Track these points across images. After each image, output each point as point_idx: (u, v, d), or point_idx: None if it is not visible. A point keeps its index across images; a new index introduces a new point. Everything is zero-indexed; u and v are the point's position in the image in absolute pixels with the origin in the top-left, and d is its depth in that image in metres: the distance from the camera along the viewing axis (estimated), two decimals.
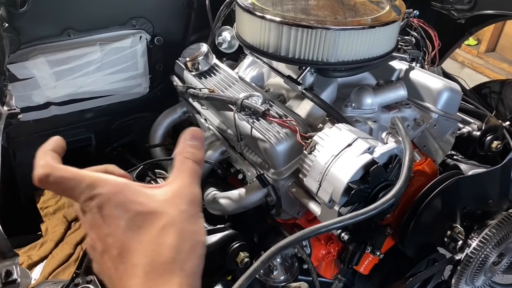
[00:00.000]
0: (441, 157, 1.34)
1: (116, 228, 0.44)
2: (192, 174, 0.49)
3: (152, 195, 0.46)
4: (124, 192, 0.45)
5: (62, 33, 1.40)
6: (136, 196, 0.45)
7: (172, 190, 0.47)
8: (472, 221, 0.96)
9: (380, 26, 1.13)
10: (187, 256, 0.44)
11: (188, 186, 0.48)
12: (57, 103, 1.46)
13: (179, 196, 0.46)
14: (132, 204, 0.44)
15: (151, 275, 0.42)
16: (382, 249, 1.11)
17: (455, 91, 1.28)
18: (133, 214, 0.44)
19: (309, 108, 1.20)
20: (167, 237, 0.43)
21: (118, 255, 0.44)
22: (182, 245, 0.44)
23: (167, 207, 0.45)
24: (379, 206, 0.71)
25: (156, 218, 0.44)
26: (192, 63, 1.36)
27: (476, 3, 1.80)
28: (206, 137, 1.35)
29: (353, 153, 0.90)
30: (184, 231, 0.44)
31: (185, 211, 0.46)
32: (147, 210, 0.44)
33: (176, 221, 0.44)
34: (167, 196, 0.46)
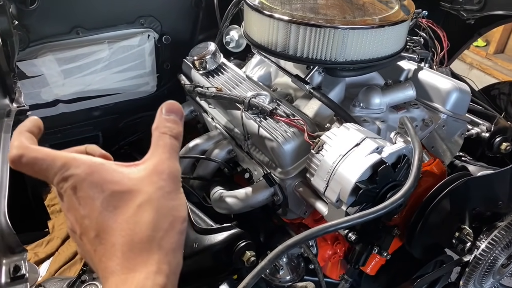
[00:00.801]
0: (450, 158, 1.33)
1: (92, 209, 0.43)
2: (170, 149, 0.47)
3: (128, 173, 0.45)
4: (99, 171, 0.44)
5: (71, 31, 1.41)
6: (112, 175, 0.44)
7: (149, 167, 0.46)
8: (481, 223, 0.95)
9: (389, 25, 1.12)
10: (165, 233, 0.43)
11: (166, 161, 0.46)
12: (65, 100, 1.47)
13: (156, 172, 0.45)
14: (107, 183, 0.44)
15: (129, 254, 0.41)
16: (389, 250, 1.10)
17: (464, 91, 1.27)
18: (109, 194, 0.43)
19: (317, 108, 1.20)
20: (144, 215, 0.43)
21: (95, 237, 0.43)
22: (160, 222, 0.43)
23: (143, 184, 0.44)
24: (387, 206, 0.70)
25: (132, 197, 0.43)
26: (200, 62, 1.37)
27: (486, 3, 1.79)
28: (213, 136, 1.35)
29: (361, 152, 0.89)
30: (162, 208, 0.44)
31: (162, 188, 0.44)
32: (123, 189, 0.44)
33: (153, 198, 0.44)
34: (144, 173, 0.45)
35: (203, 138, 1.35)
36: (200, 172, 1.32)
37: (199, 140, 1.34)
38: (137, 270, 0.41)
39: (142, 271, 0.41)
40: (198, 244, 1.01)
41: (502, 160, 1.48)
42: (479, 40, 4.13)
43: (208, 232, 1.02)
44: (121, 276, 0.41)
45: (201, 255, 1.00)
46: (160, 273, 0.41)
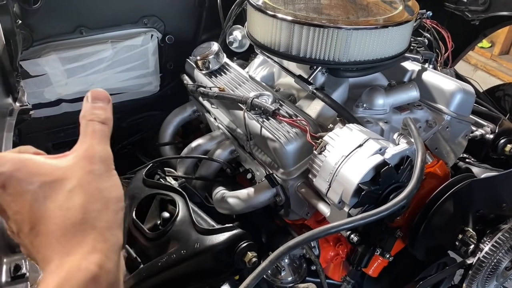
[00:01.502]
0: (453, 160, 1.32)
1: (23, 204, 0.43)
2: (99, 134, 0.48)
3: (56, 163, 0.45)
4: (26, 166, 0.44)
5: (74, 30, 1.41)
6: (40, 167, 0.44)
7: (79, 154, 0.46)
8: (485, 225, 0.94)
9: (393, 26, 1.12)
10: (99, 214, 0.43)
11: (95, 146, 0.47)
12: (68, 100, 1.47)
13: (85, 158, 0.46)
14: (35, 176, 0.44)
15: (63, 239, 0.41)
16: (392, 252, 1.10)
17: (469, 93, 1.26)
18: (38, 185, 0.43)
19: (320, 108, 1.19)
20: (75, 200, 0.43)
21: (30, 230, 0.43)
22: (92, 204, 0.43)
23: (72, 171, 0.44)
24: (390, 208, 0.70)
25: (61, 185, 0.44)
26: (203, 62, 1.36)
27: (491, 4, 1.78)
28: (215, 136, 1.35)
29: (364, 153, 0.89)
30: (93, 190, 0.44)
31: (92, 171, 0.45)
32: (52, 179, 0.44)
33: (83, 182, 0.44)
34: (73, 161, 0.46)
35: (206, 138, 1.35)
36: (202, 172, 1.32)
37: (201, 140, 1.34)
38: (72, 253, 0.41)
39: (77, 253, 0.41)
40: (200, 244, 1.01)
41: (506, 162, 1.47)
42: (484, 41, 4.11)
43: (209, 232, 1.01)
44: (56, 261, 0.41)
45: (203, 256, 0.99)
46: (95, 251, 0.41)
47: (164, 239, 1.07)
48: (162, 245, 1.06)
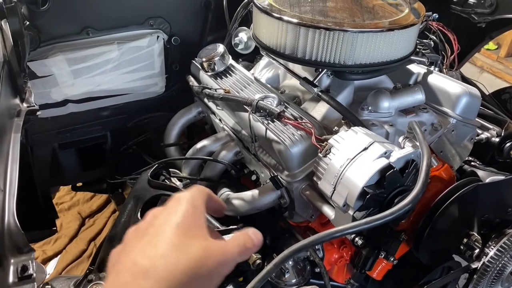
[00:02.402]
0: (459, 163, 1.31)
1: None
2: (243, 249, 0.57)
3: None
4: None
5: (81, 31, 1.42)
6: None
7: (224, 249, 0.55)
8: (490, 229, 0.94)
9: (399, 29, 1.11)
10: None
11: (235, 254, 0.56)
12: (74, 100, 1.48)
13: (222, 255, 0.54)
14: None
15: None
16: (396, 255, 1.10)
17: (474, 96, 1.25)
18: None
19: (325, 111, 1.20)
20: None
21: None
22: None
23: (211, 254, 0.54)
24: (395, 212, 0.70)
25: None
26: (208, 64, 1.37)
27: (498, 7, 1.77)
28: (220, 138, 1.35)
29: (369, 157, 0.89)
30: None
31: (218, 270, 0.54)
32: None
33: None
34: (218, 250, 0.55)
35: (211, 139, 1.35)
36: (207, 173, 1.32)
37: (206, 142, 1.35)
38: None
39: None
40: None
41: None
42: (490, 43, 4.09)
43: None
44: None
45: None
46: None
47: None
48: None
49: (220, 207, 0.67)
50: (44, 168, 1.61)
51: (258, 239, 0.59)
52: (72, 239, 2.60)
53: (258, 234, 0.60)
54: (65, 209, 2.79)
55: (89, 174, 1.75)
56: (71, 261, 2.45)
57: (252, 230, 0.60)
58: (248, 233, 0.59)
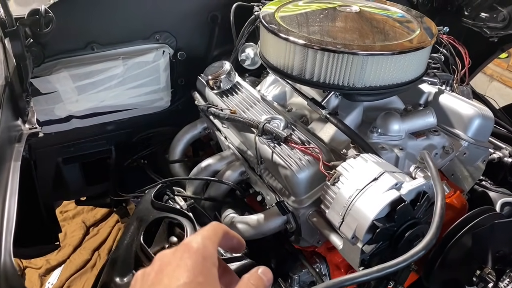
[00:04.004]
0: (471, 185, 1.28)
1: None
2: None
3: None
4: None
5: (86, 47, 1.40)
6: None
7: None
8: (505, 265, 0.91)
9: (410, 51, 1.08)
10: None
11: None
12: (78, 116, 1.46)
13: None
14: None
15: None
16: (406, 284, 1.06)
17: (487, 117, 1.22)
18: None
19: (333, 133, 1.17)
20: None
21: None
22: None
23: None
24: (408, 259, 0.67)
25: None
26: (214, 81, 1.34)
27: (511, 21, 1.73)
28: (225, 157, 1.33)
29: (379, 188, 0.86)
30: None
31: None
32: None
33: None
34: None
35: (216, 158, 1.33)
36: (212, 193, 1.30)
37: (211, 160, 1.32)
38: None
39: None
40: None
41: None
42: None
43: None
44: None
45: None
46: None
47: None
48: None
49: (239, 245, 0.63)
50: (48, 183, 1.60)
51: (269, 280, 0.57)
52: (76, 248, 2.59)
53: (268, 273, 0.57)
54: (69, 218, 2.78)
55: (93, 188, 1.73)
56: (75, 271, 2.44)
57: (262, 269, 0.57)
58: (258, 275, 0.56)
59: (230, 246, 0.61)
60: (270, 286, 0.56)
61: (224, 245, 0.59)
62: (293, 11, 1.24)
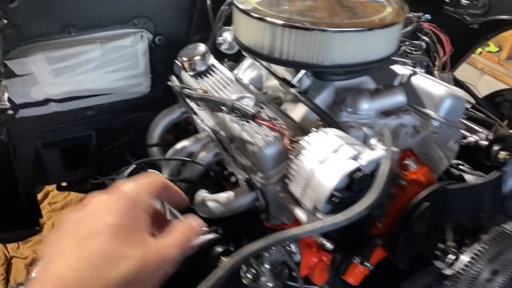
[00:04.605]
0: (444, 166, 1.28)
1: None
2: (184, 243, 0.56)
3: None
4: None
5: (63, 30, 1.41)
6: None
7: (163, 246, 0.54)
8: (465, 235, 0.91)
9: (379, 28, 1.09)
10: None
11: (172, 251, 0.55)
12: (56, 100, 1.47)
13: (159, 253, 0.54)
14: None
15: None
16: (374, 260, 1.07)
17: (458, 98, 1.22)
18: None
19: (304, 112, 1.17)
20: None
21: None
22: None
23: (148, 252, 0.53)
24: (351, 217, 0.67)
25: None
26: (189, 63, 1.35)
27: (490, 7, 1.74)
28: (201, 138, 1.34)
29: (338, 159, 0.86)
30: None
31: (155, 270, 0.53)
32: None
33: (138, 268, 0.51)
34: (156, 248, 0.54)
35: (191, 140, 1.34)
36: (187, 174, 1.31)
37: (186, 142, 1.33)
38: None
39: None
40: None
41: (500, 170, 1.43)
42: (491, 45, 4.05)
43: None
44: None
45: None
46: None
47: None
48: None
49: (180, 200, 0.65)
50: (27, 168, 1.61)
51: (200, 226, 0.60)
52: None
53: (199, 221, 0.60)
54: (57, 209, 2.79)
55: (73, 173, 1.74)
56: None
57: (192, 218, 0.60)
58: (190, 224, 0.59)
59: (171, 200, 0.62)
60: (200, 233, 0.58)
61: (164, 198, 0.60)
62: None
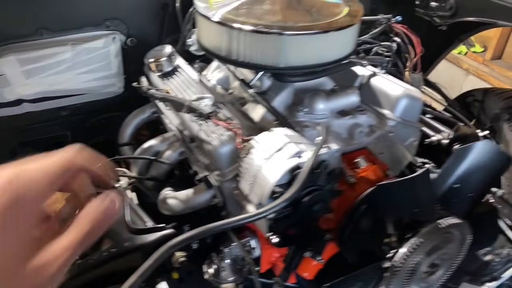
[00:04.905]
0: (403, 164, 1.32)
1: None
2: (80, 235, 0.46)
3: None
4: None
5: (35, 32, 1.45)
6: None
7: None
8: (405, 230, 0.95)
9: (334, 31, 1.13)
10: None
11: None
12: (29, 100, 1.50)
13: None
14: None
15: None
16: (327, 255, 1.11)
17: (414, 98, 1.26)
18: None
19: (263, 112, 1.21)
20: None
21: None
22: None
23: None
24: (266, 211, 0.72)
25: None
26: (156, 65, 1.39)
27: (458, 9, 1.77)
28: (167, 138, 1.38)
29: (282, 157, 0.90)
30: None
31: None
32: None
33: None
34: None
35: (158, 139, 1.37)
36: (154, 173, 1.35)
37: (154, 142, 1.37)
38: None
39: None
40: (130, 243, 1.03)
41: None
42: (476, 46, 4.08)
43: (140, 232, 1.04)
44: None
45: (132, 255, 1.02)
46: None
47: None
48: (96, 243, 1.09)
49: (99, 176, 0.52)
50: None
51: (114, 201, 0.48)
52: None
53: (114, 197, 0.48)
54: None
55: None
56: None
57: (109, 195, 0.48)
58: (97, 209, 0.46)
59: (91, 176, 0.52)
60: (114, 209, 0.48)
61: (93, 179, 0.51)
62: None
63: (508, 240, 1.32)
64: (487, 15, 1.70)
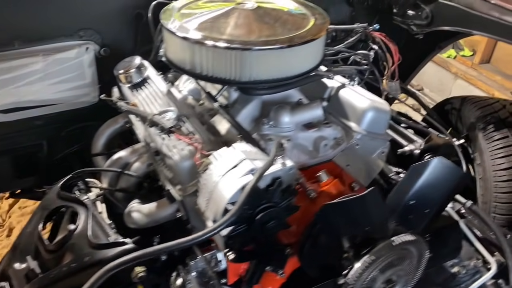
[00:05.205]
0: (370, 176, 1.33)
1: None
2: None
3: None
4: None
5: (9, 43, 1.45)
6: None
7: None
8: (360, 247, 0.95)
9: (298, 45, 1.13)
10: None
11: None
12: (1, 111, 1.50)
13: None
14: None
15: None
16: (290, 269, 1.11)
17: (381, 110, 1.27)
18: None
19: (228, 126, 1.21)
20: None
21: None
22: None
23: None
24: (204, 234, 0.72)
25: None
26: (125, 76, 1.39)
27: (433, 18, 1.78)
28: (137, 149, 1.38)
29: (237, 174, 0.91)
30: None
31: None
32: None
33: None
34: None
35: (128, 150, 1.38)
36: (123, 184, 1.35)
37: (123, 153, 1.37)
38: None
39: None
40: (90, 258, 1.04)
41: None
42: (465, 50, 4.09)
43: (101, 247, 1.04)
44: None
45: (92, 270, 1.02)
46: None
47: (61, 251, 1.10)
48: (59, 258, 1.09)
49: None
50: None
51: None
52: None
53: None
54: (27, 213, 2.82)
55: (23, 181, 1.78)
56: None
57: None
58: None
59: None
60: None
61: None
62: (193, 9, 1.28)
63: (476, 251, 1.32)
64: (462, 25, 1.71)
